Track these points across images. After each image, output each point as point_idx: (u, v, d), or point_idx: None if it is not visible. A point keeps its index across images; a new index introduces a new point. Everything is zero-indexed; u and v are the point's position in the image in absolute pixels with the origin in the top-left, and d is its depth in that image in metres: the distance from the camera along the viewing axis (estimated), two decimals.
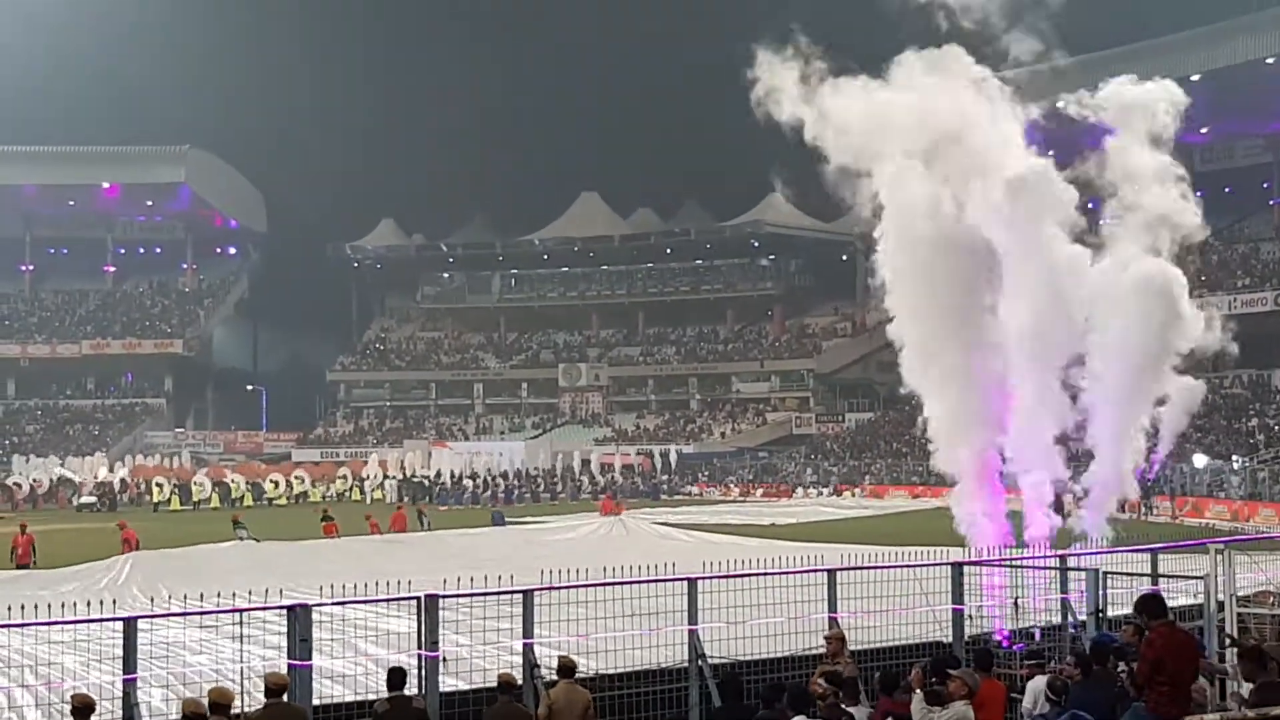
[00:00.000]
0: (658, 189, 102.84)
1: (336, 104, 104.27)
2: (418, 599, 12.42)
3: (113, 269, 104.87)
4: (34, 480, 70.33)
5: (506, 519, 45.99)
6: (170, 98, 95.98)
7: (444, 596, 12.56)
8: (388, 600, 14.68)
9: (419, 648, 12.23)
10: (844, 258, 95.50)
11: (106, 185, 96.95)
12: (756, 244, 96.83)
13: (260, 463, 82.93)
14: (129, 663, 11.31)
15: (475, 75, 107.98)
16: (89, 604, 16.73)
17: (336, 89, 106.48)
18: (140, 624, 11.70)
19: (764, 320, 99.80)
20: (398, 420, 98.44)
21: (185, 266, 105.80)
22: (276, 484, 70.21)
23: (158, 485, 67.09)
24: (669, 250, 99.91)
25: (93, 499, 66.46)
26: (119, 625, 11.60)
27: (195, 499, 65.50)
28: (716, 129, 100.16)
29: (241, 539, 34.41)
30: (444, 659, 12.45)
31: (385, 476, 73.21)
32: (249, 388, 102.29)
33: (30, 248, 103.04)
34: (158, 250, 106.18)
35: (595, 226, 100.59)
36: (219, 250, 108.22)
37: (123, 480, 70.41)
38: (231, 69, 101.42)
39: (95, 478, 70.57)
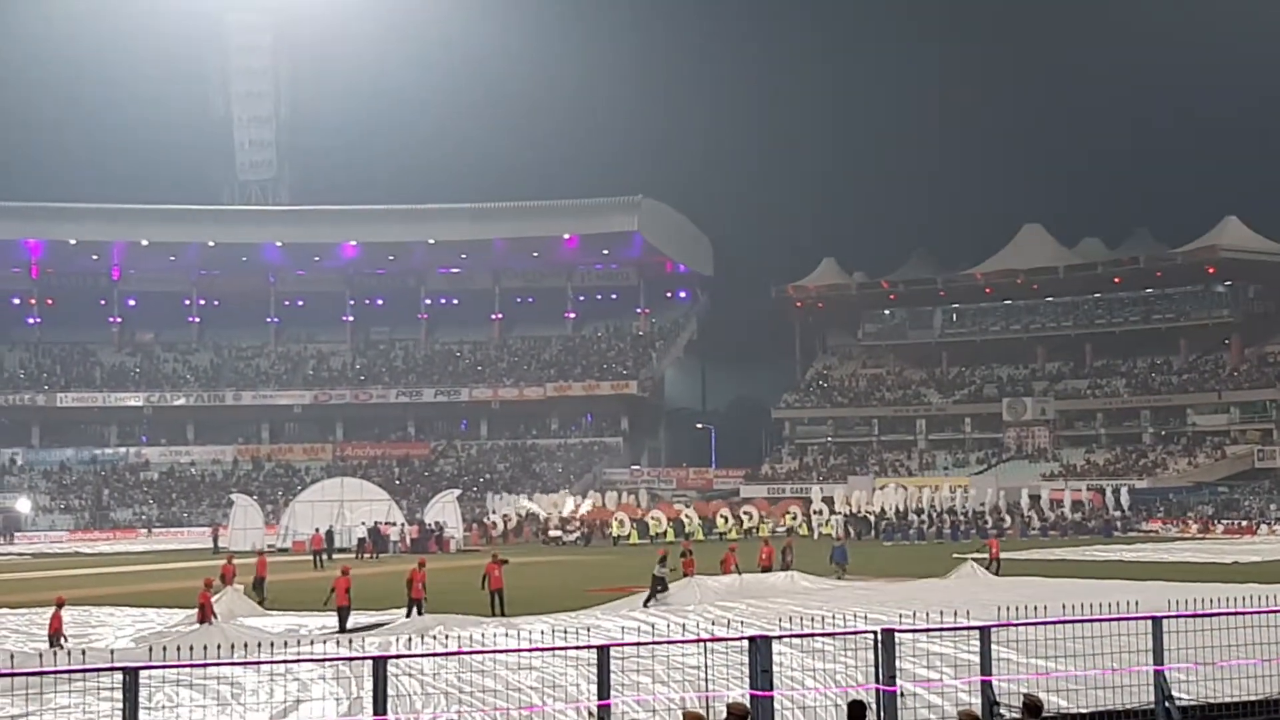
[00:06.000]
0: (1104, 217, 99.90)
1: (778, 148, 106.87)
2: (874, 633, 12.89)
3: (573, 315, 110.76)
4: (504, 515, 75.22)
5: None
6: (622, 149, 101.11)
7: (900, 631, 12.98)
8: (845, 634, 15.32)
9: (876, 681, 12.64)
10: None
11: (567, 236, 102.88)
12: (1212, 270, 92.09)
13: (711, 499, 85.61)
14: (603, 689, 11.87)
15: (915, 114, 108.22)
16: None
17: (776, 133, 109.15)
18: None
19: (1220, 349, 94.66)
20: (841, 456, 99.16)
21: (638, 311, 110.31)
22: (726, 519, 72.44)
23: (617, 520, 70.59)
24: (1117, 279, 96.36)
25: (557, 533, 70.77)
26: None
27: (652, 533, 68.58)
28: (1167, 154, 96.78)
29: (660, 576, 34.51)
30: (901, 694, 12.82)
31: (832, 512, 74.11)
32: (698, 426, 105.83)
33: (499, 298, 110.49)
34: (614, 296, 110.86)
35: (1039, 258, 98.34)
36: (669, 294, 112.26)
37: (583, 516, 74.30)
38: (677, 119, 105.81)
39: (559, 513, 74.85)
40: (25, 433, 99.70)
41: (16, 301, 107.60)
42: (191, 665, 18.39)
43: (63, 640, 25.24)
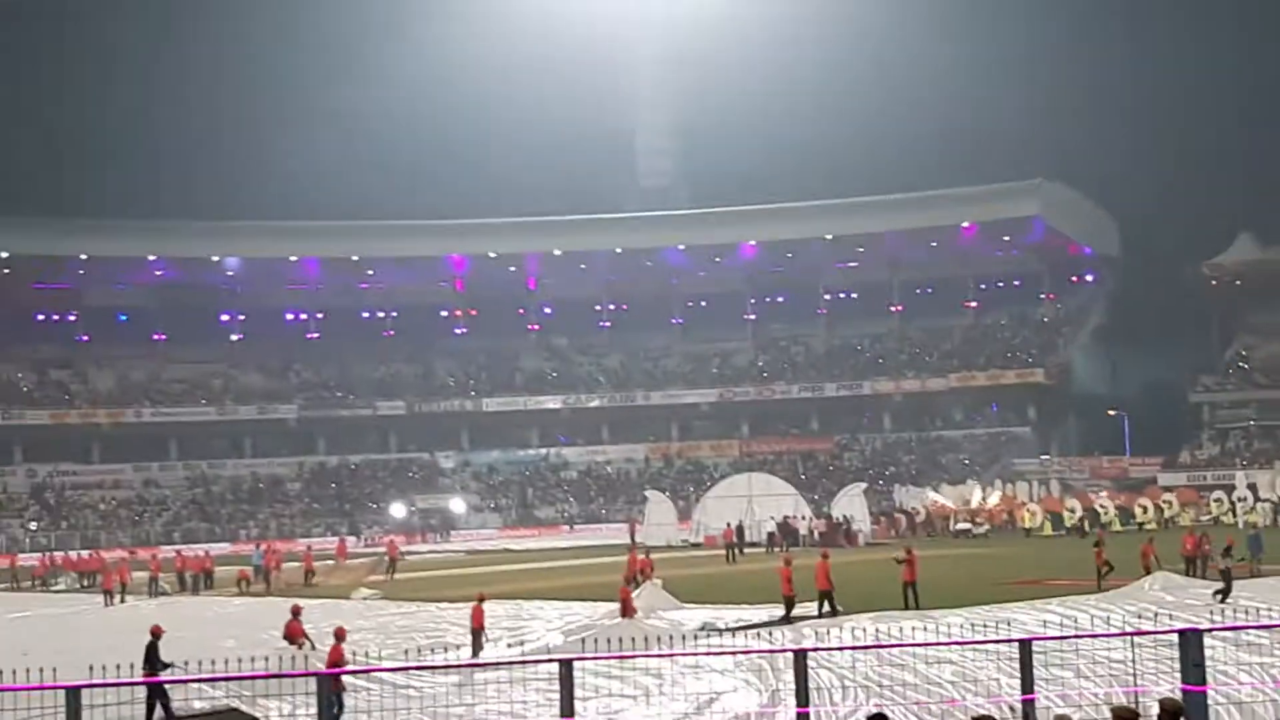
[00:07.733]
0: None
1: (1186, 122, 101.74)
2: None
3: (974, 304, 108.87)
4: (912, 509, 74.71)
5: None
6: (1017, 131, 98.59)
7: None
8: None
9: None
10: None
11: (965, 225, 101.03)
12: None
13: (1126, 489, 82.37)
14: (1027, 683, 11.70)
15: None
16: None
17: (1185, 107, 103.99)
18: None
19: None
20: (1267, 441, 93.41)
21: (1043, 296, 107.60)
22: (1145, 509, 69.59)
23: (1029, 511, 69.00)
24: None
25: (966, 525, 69.77)
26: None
27: (1066, 524, 66.69)
28: None
29: (1226, 569, 30.70)
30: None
31: (1257, 499, 69.98)
32: (1110, 412, 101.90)
33: (898, 289, 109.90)
34: (1016, 283, 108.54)
35: None
36: (1074, 278, 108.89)
37: (993, 508, 72.91)
38: (1072, 97, 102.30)
39: (967, 505, 73.72)
40: (456, 437, 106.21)
41: (445, 314, 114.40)
42: (620, 656, 19.39)
43: (484, 636, 26.68)
